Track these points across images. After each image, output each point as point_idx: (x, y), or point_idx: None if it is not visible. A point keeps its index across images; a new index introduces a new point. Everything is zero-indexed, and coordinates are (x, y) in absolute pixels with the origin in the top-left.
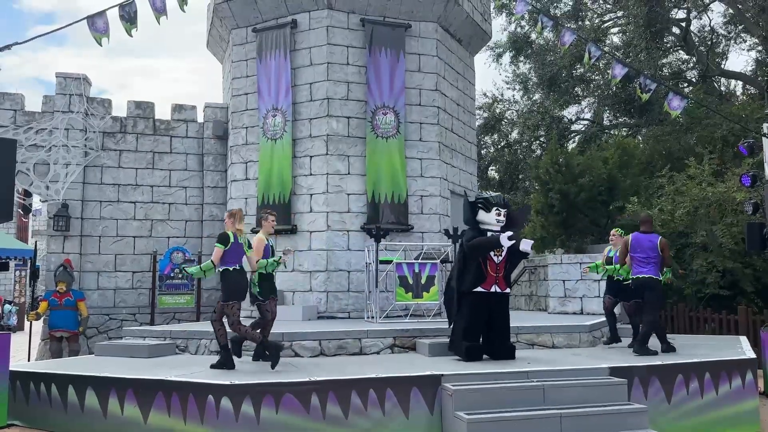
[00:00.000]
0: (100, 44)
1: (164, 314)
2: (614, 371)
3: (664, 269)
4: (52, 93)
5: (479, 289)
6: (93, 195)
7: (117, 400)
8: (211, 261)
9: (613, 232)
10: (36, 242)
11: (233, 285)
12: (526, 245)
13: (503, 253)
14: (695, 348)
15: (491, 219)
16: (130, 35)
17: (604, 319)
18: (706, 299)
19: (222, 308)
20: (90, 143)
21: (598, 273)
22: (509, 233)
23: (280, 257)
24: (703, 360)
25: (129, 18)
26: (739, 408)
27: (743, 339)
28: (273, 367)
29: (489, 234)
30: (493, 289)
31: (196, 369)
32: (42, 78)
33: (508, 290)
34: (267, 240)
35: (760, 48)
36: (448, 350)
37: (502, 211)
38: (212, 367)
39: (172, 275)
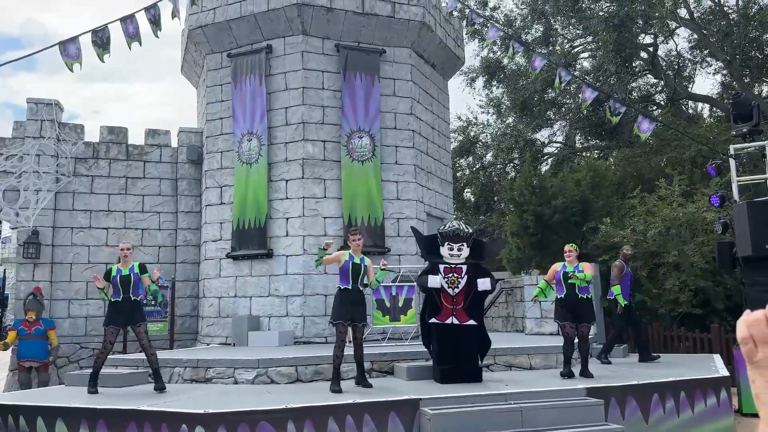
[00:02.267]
0: (72, 70)
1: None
2: (591, 392)
3: (614, 291)
4: (23, 118)
5: (434, 320)
6: (64, 221)
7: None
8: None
9: (568, 247)
10: (5, 270)
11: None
12: (482, 285)
13: (460, 286)
14: (670, 367)
15: (444, 253)
16: (103, 61)
17: None
18: (679, 318)
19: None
20: (62, 169)
21: (546, 297)
22: (437, 278)
23: (323, 246)
24: (679, 379)
25: (101, 44)
26: (715, 426)
27: (717, 357)
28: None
29: (442, 267)
30: (449, 321)
31: (169, 399)
32: (12, 103)
33: (470, 322)
34: (348, 257)
35: (724, 71)
36: (433, 378)
37: (455, 245)
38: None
39: (144, 302)
